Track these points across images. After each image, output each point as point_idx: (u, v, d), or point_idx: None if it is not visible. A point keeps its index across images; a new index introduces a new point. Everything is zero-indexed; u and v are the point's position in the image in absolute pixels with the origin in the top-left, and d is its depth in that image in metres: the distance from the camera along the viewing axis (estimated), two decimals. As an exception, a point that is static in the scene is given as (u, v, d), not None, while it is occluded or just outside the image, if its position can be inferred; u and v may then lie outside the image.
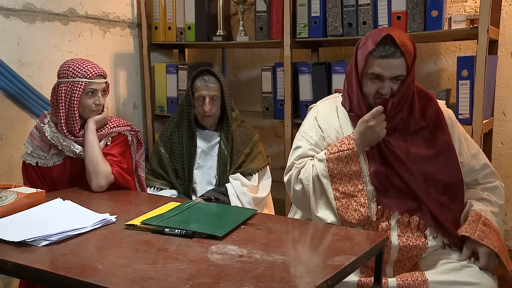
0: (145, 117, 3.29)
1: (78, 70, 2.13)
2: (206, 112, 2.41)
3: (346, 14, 2.65)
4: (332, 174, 1.87)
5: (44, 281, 1.41)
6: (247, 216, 1.75)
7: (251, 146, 2.50)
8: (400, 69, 1.83)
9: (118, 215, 1.76)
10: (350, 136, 1.89)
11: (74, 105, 2.12)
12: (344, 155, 1.86)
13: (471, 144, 2.00)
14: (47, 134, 2.15)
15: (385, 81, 1.85)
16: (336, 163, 1.87)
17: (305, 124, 2.07)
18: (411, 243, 1.83)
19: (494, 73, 2.57)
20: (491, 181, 1.98)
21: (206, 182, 2.44)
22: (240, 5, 3.04)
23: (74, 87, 2.12)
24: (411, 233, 1.84)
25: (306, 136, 2.02)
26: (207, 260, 1.39)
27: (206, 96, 2.40)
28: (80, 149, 2.16)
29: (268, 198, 2.53)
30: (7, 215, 1.73)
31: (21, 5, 2.57)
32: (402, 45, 1.82)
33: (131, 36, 3.23)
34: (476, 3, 2.71)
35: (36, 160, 2.20)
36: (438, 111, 1.95)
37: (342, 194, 1.86)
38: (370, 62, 1.85)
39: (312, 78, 2.78)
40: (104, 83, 2.20)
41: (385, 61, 1.82)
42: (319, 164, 1.90)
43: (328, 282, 1.28)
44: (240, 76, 3.50)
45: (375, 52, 1.83)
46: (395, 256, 1.84)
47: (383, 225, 1.85)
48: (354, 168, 1.86)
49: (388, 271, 1.88)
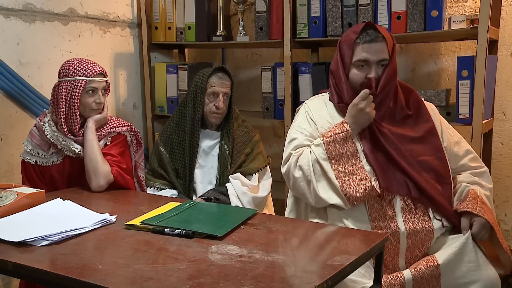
0: (145, 117, 3.29)
1: (78, 69, 2.13)
2: (220, 108, 2.40)
3: (346, 14, 2.65)
4: (331, 156, 1.94)
5: (44, 281, 1.41)
6: (247, 216, 1.75)
7: (251, 146, 2.50)
8: (384, 53, 1.95)
9: (118, 215, 1.76)
10: (343, 121, 1.99)
11: (74, 104, 2.12)
12: (340, 137, 1.95)
13: (453, 132, 2.11)
14: (46, 133, 2.15)
15: (371, 66, 1.95)
16: (333, 145, 1.95)
17: (296, 120, 2.14)
18: (417, 227, 1.88)
19: (494, 73, 2.57)
20: (479, 166, 2.08)
21: (207, 182, 2.44)
22: (240, 5, 3.04)
23: (75, 85, 2.12)
24: (415, 217, 1.90)
25: (299, 129, 2.08)
26: (207, 260, 1.39)
27: (220, 93, 2.40)
28: (79, 148, 2.16)
29: (268, 198, 2.53)
30: (7, 215, 1.73)
31: (21, 5, 2.57)
32: (382, 31, 1.96)
33: (131, 36, 3.23)
34: (476, 3, 2.71)
35: (36, 158, 2.20)
36: (420, 101, 2.08)
37: (343, 173, 1.92)
38: (355, 50, 1.96)
39: (312, 78, 2.78)
40: (104, 82, 2.20)
41: (369, 45, 1.94)
42: (317, 149, 1.97)
43: (328, 282, 1.28)
44: (240, 76, 3.50)
45: (358, 39, 1.95)
46: (405, 245, 1.88)
47: (389, 212, 1.90)
48: (351, 148, 1.94)
49: (400, 264, 1.91)
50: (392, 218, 1.89)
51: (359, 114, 1.94)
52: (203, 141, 2.48)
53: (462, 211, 1.90)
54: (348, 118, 1.97)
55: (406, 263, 1.91)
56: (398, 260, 1.91)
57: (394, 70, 1.99)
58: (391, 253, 1.90)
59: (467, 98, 2.39)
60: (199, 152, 2.46)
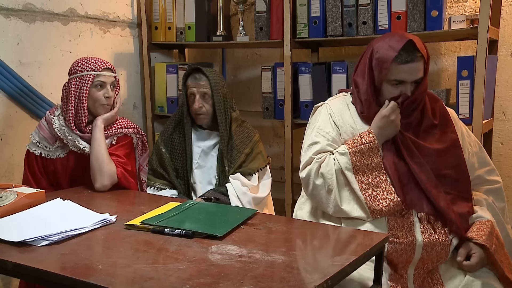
0: (145, 117, 3.29)
1: (87, 65, 2.20)
2: (197, 109, 2.41)
3: (346, 14, 2.65)
4: (356, 166, 1.90)
5: (44, 281, 1.41)
6: (247, 216, 1.75)
7: (251, 146, 2.49)
8: (421, 72, 1.90)
9: (118, 215, 1.76)
10: (369, 131, 1.94)
11: (83, 98, 2.16)
12: (366, 147, 1.90)
13: (473, 141, 2.06)
14: (54, 126, 2.19)
15: (407, 85, 1.90)
16: (359, 156, 1.90)
17: (318, 121, 2.06)
18: (435, 239, 1.85)
19: (494, 73, 2.57)
20: (495, 181, 2.03)
21: (206, 182, 2.44)
22: (240, 5, 3.04)
23: (83, 80, 2.17)
24: (433, 229, 1.87)
25: (322, 132, 2.02)
26: (207, 260, 1.39)
27: (197, 94, 2.41)
28: (84, 145, 2.18)
29: (268, 198, 2.53)
30: (7, 215, 1.73)
31: (21, 5, 2.57)
32: (421, 49, 1.88)
33: (131, 36, 3.23)
34: (476, 3, 2.71)
35: (41, 150, 2.23)
36: (445, 110, 2.03)
37: (367, 185, 1.88)
38: (392, 68, 1.88)
39: (312, 78, 2.78)
40: (112, 77, 2.24)
41: (408, 66, 1.87)
42: (341, 158, 1.92)
43: (328, 282, 1.28)
44: (240, 76, 3.50)
45: (398, 58, 1.86)
46: (419, 255, 1.86)
47: (407, 222, 1.87)
48: (376, 160, 1.90)
49: (409, 272, 1.89)
50: (410, 228, 1.86)
51: (388, 126, 1.90)
52: (203, 142, 2.48)
53: (477, 243, 1.85)
54: (375, 128, 1.92)
55: (415, 272, 1.89)
56: (408, 267, 1.88)
57: (426, 85, 1.95)
58: (404, 262, 1.87)
59: (467, 98, 2.39)
60: (198, 152, 2.46)
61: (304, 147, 2.04)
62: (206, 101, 2.41)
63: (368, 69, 1.94)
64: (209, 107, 2.41)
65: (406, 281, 1.86)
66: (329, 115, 2.05)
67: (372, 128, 1.93)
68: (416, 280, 1.88)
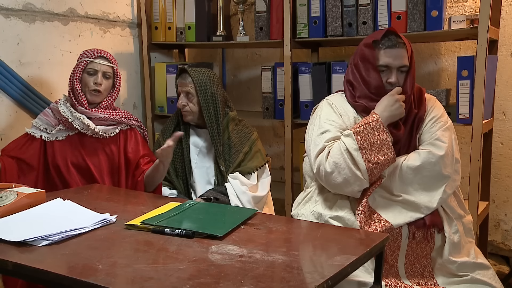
0: (145, 117, 3.29)
1: (84, 53, 2.34)
2: (180, 107, 2.46)
3: (346, 14, 2.65)
4: (362, 146, 1.92)
5: (44, 281, 1.41)
6: (247, 216, 1.75)
7: (249, 144, 2.49)
8: (405, 59, 1.97)
9: (118, 215, 1.76)
10: (372, 112, 1.98)
11: (75, 79, 2.29)
12: (370, 126, 1.93)
13: (438, 133, 2.02)
14: (60, 108, 2.28)
15: (392, 71, 1.97)
16: (363, 135, 1.93)
17: (321, 114, 2.09)
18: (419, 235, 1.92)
19: (494, 73, 2.57)
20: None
21: (205, 182, 2.44)
22: (240, 5, 3.04)
23: (78, 66, 2.32)
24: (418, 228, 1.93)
25: (328, 121, 2.05)
26: (207, 260, 1.39)
27: (181, 92, 2.47)
28: (89, 122, 2.27)
29: (268, 196, 2.53)
30: (7, 215, 1.72)
31: (21, 5, 2.57)
32: (403, 38, 1.98)
33: (131, 36, 3.23)
34: (476, 3, 2.72)
35: (42, 133, 2.30)
36: (421, 96, 2.09)
37: (375, 164, 1.90)
38: (377, 54, 1.97)
39: (312, 78, 2.78)
40: (106, 66, 2.33)
41: (391, 50, 1.96)
42: (347, 139, 1.94)
43: (328, 282, 1.28)
44: (240, 76, 3.50)
45: (380, 43, 1.97)
46: (406, 242, 1.90)
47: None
48: (382, 137, 1.92)
49: (399, 260, 1.92)
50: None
51: (394, 104, 1.95)
52: (200, 141, 2.49)
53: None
54: (380, 107, 1.96)
55: (406, 261, 1.91)
56: (398, 256, 1.91)
57: (414, 75, 2.01)
58: (393, 248, 1.91)
59: (467, 98, 2.39)
60: (196, 152, 2.47)
61: (313, 138, 2.05)
62: (190, 100, 2.44)
63: (360, 61, 2.02)
64: (192, 105, 2.44)
65: (397, 270, 1.87)
66: (331, 106, 2.09)
67: (375, 109, 1.98)
68: (407, 268, 1.90)
